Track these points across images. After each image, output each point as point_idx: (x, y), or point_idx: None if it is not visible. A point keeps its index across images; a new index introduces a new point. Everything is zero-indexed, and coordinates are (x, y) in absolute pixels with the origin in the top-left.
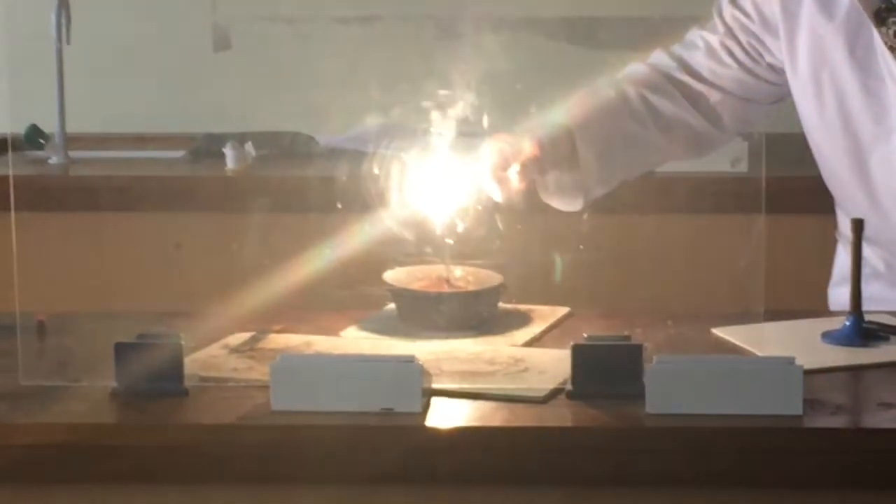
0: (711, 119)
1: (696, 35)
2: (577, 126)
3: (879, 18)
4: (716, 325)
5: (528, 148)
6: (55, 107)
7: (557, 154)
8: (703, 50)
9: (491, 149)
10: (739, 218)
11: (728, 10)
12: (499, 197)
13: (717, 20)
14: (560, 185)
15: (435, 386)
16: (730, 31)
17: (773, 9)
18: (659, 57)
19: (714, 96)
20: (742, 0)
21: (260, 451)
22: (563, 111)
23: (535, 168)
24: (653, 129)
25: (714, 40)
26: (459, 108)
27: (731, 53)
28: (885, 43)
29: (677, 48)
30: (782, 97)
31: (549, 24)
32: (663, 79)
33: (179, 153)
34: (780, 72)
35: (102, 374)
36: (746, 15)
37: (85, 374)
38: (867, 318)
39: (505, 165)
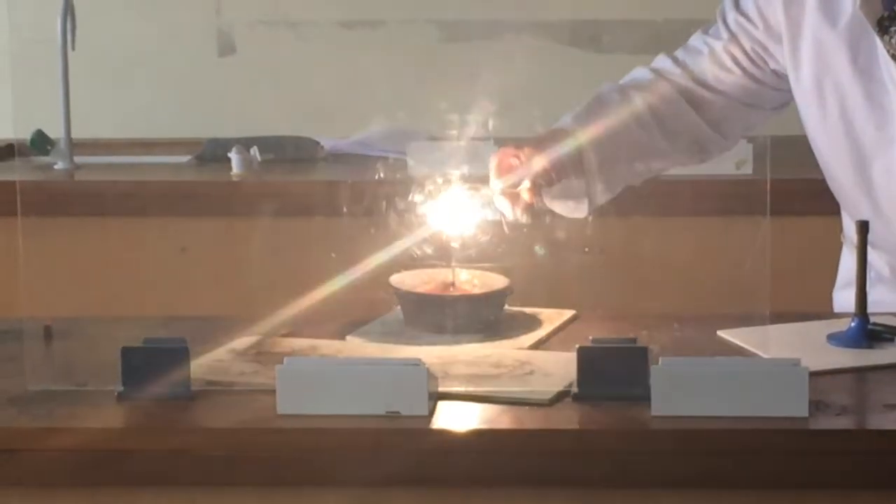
0: (715, 125)
1: (699, 40)
2: (583, 134)
3: (882, 27)
4: (721, 328)
5: (536, 162)
6: (61, 112)
7: (564, 163)
8: (707, 55)
9: (500, 165)
10: (744, 220)
11: (732, 16)
12: (510, 214)
13: (720, 25)
14: (566, 192)
15: (441, 389)
16: (734, 37)
17: (777, 15)
18: (662, 61)
19: (718, 102)
20: (746, 6)
21: (266, 455)
22: (569, 118)
23: (545, 181)
24: (658, 136)
25: (718, 46)
26: (464, 112)
27: (734, 59)
28: (888, 51)
29: (681, 53)
30: (786, 103)
31: (553, 27)
32: (667, 84)
33: (185, 158)
34: (783, 78)
35: (109, 378)
36: (750, 21)
37: (91, 378)
38: (872, 319)
39: (514, 181)
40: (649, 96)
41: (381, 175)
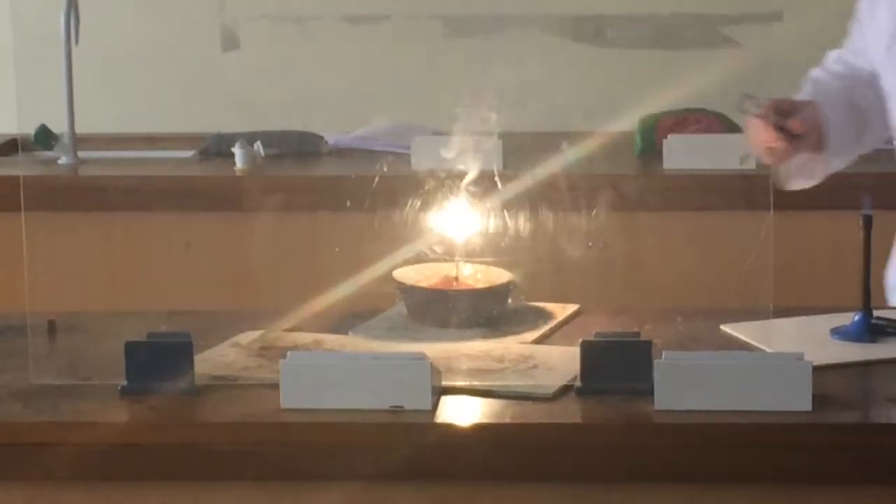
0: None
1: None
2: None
3: None
4: (725, 322)
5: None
6: (64, 107)
7: (819, 136)
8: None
9: (778, 104)
10: (748, 215)
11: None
12: (763, 155)
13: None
14: (799, 168)
15: (445, 383)
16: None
17: None
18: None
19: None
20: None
21: (270, 449)
22: (807, 89)
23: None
24: (873, 110)
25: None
26: (468, 107)
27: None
28: None
29: (845, 52)
30: None
31: (558, 22)
32: (862, 74)
33: (189, 153)
34: None
35: (113, 372)
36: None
37: (95, 372)
38: (875, 314)
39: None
40: (856, 82)
41: (385, 170)
